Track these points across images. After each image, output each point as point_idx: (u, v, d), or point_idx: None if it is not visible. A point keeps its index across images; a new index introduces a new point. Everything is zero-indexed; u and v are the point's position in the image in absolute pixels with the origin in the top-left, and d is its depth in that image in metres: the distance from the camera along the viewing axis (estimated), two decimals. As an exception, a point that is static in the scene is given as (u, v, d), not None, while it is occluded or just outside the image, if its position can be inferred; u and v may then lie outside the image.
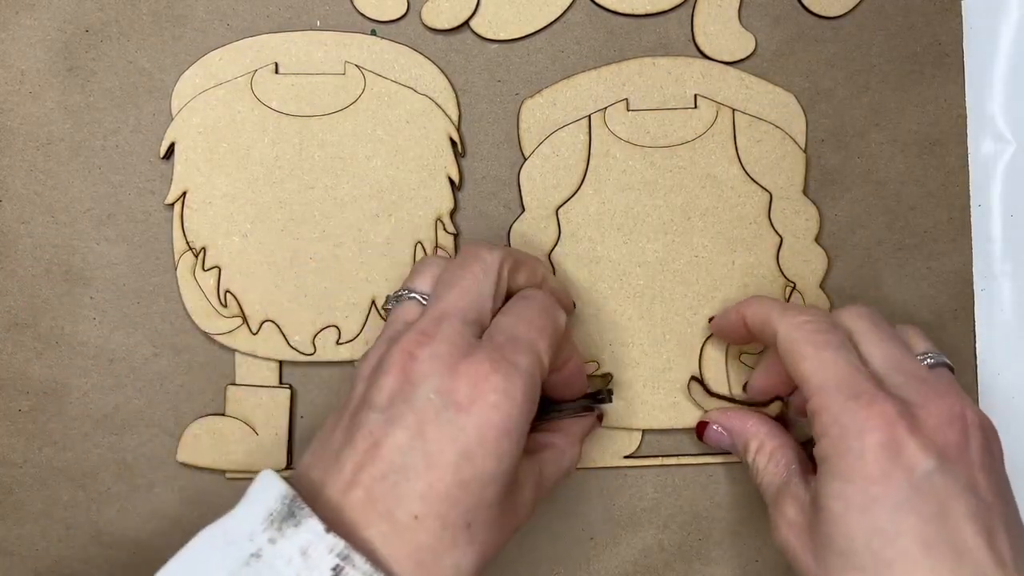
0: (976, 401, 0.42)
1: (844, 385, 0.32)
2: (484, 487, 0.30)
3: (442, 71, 0.41)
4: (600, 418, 0.40)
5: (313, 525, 0.28)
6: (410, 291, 0.35)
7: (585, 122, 0.41)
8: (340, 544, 0.28)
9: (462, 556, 0.30)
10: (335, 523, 0.29)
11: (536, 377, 0.31)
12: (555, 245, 0.41)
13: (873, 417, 0.30)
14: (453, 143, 0.41)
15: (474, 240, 0.41)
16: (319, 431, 0.33)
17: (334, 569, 0.28)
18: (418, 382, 0.30)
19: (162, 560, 0.41)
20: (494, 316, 0.33)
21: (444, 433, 0.30)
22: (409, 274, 0.36)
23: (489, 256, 0.34)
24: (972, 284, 0.42)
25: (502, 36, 0.41)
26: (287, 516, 0.29)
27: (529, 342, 0.32)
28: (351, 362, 0.41)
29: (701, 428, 0.40)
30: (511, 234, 0.41)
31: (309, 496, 0.30)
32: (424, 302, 0.34)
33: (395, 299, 0.35)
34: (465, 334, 0.32)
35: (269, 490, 0.30)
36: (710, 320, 0.40)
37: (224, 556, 0.29)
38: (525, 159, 0.41)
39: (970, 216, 0.42)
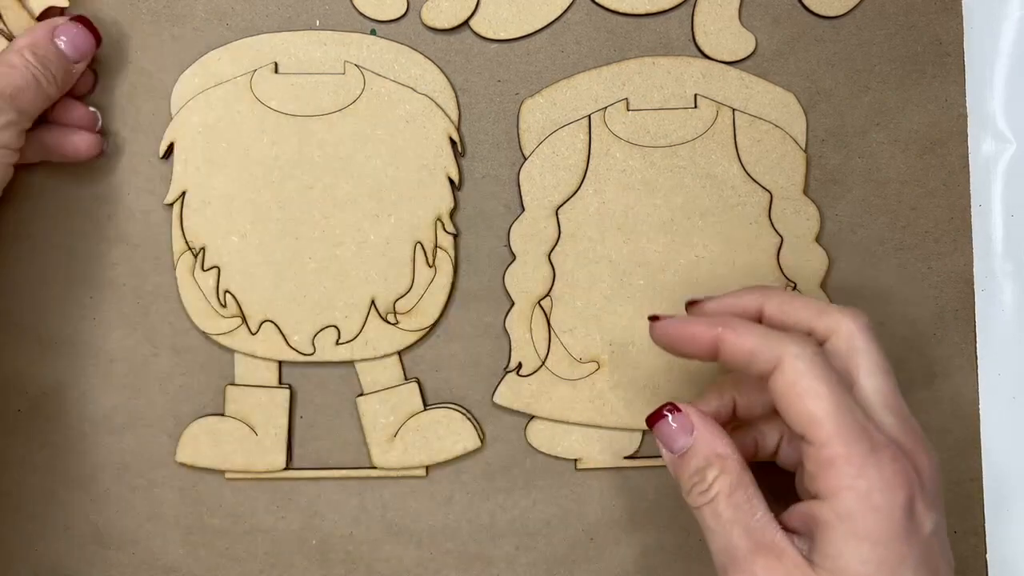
0: (976, 401, 0.42)
1: (863, 434, 0.29)
2: None
3: (442, 71, 0.41)
4: None
5: None
6: None
7: (585, 122, 0.41)
8: None
9: None
10: None
11: None
12: (555, 245, 0.41)
13: (899, 473, 0.29)
14: (453, 143, 0.41)
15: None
16: None
17: None
18: None
19: (162, 559, 0.41)
20: None
21: None
22: None
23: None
24: (972, 284, 0.42)
25: (502, 36, 0.41)
26: None
27: None
28: (351, 362, 0.41)
29: (657, 417, 0.33)
30: (511, 234, 0.41)
31: None
32: None
33: None
34: None
35: None
36: (652, 319, 0.34)
37: None
38: (525, 159, 0.41)
39: (970, 216, 0.42)
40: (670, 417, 0.33)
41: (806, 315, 0.33)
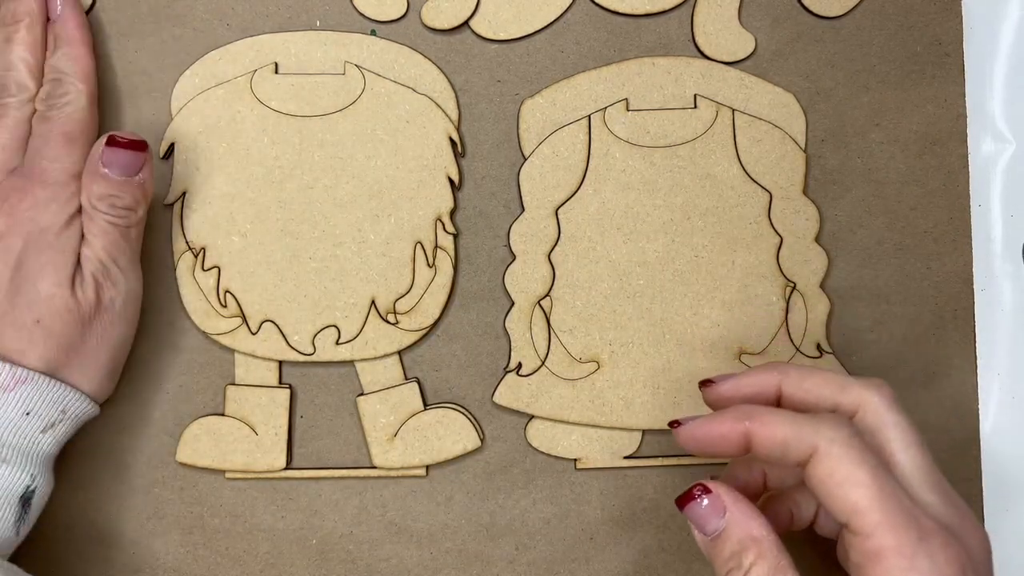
0: (976, 401, 0.42)
1: (911, 521, 0.28)
2: (36, 283, 0.35)
3: (442, 71, 0.41)
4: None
5: None
6: None
7: (585, 122, 0.41)
8: None
9: (43, 348, 0.35)
10: None
11: (63, 181, 0.36)
12: (555, 245, 0.41)
13: (952, 562, 0.28)
14: (453, 143, 0.41)
15: None
16: None
17: None
18: None
19: (162, 559, 0.41)
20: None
21: None
22: None
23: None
24: (972, 284, 0.42)
25: (502, 36, 0.41)
26: None
27: (53, 157, 0.36)
28: (351, 362, 0.41)
29: (687, 499, 0.32)
30: (511, 234, 0.41)
31: None
32: None
33: None
34: None
35: None
36: (673, 424, 0.33)
37: None
38: (525, 159, 0.41)
39: (970, 216, 0.42)
40: (703, 500, 0.31)
41: (828, 391, 0.32)
